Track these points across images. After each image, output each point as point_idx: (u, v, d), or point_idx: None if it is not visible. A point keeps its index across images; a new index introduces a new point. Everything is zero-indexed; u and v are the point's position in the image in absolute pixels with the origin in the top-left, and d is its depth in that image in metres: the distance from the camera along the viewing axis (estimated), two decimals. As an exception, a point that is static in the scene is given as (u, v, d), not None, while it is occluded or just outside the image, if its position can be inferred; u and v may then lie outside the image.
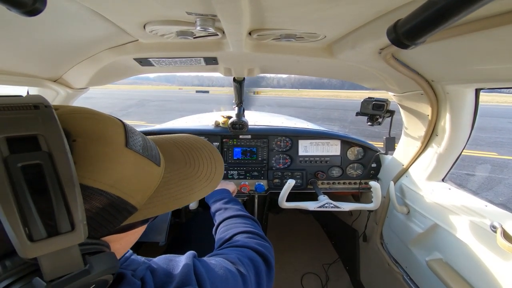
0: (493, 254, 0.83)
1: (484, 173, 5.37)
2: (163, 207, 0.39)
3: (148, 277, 0.42)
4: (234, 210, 0.88)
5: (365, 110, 1.34)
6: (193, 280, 0.46)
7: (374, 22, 0.65)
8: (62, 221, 0.24)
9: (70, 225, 0.24)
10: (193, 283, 0.45)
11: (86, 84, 1.24)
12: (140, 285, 0.39)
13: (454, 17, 0.33)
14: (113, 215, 0.32)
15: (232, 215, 0.85)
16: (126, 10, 0.65)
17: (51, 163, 0.24)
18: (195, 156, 0.48)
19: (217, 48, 0.95)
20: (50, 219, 0.23)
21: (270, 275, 0.64)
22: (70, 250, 0.25)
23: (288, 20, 0.70)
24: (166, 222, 1.11)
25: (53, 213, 0.23)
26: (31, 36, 0.72)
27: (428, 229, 1.11)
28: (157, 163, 0.40)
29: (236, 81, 1.47)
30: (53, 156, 0.24)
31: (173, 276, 0.45)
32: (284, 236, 2.47)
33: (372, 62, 0.93)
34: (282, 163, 1.67)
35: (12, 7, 0.36)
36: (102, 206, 0.30)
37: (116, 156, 0.32)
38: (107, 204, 0.31)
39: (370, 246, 1.69)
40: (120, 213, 0.33)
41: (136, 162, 0.35)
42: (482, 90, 0.95)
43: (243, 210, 0.91)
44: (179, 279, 0.44)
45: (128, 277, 0.38)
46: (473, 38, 0.60)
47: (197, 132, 1.62)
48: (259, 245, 0.68)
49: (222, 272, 0.52)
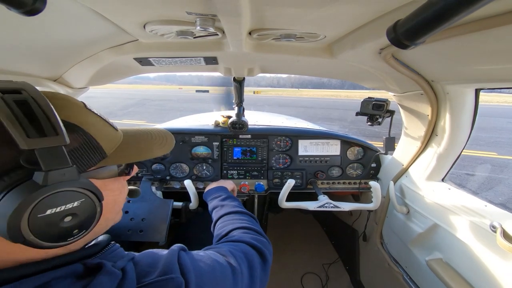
0: (493, 254, 0.83)
1: (484, 173, 5.37)
2: (129, 158, 0.49)
3: (130, 268, 0.43)
4: (231, 207, 0.91)
5: (365, 110, 1.34)
6: (177, 270, 0.47)
7: (374, 22, 0.65)
8: (47, 128, 0.34)
9: (54, 131, 0.34)
10: (176, 272, 0.46)
11: (86, 83, 1.24)
12: (120, 274, 0.40)
13: (454, 17, 0.33)
14: (88, 152, 0.41)
15: (229, 212, 0.88)
16: (126, 9, 0.65)
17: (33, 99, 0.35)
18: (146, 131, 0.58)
19: (217, 48, 0.95)
20: (38, 125, 0.33)
21: (265, 268, 0.66)
22: (57, 149, 0.34)
23: (288, 20, 0.70)
24: (166, 222, 1.11)
25: (40, 122, 0.33)
26: (31, 36, 0.72)
27: (428, 229, 1.11)
28: (115, 128, 0.49)
29: (236, 81, 1.47)
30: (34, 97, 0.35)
31: (156, 266, 0.47)
32: (284, 236, 2.47)
33: (372, 62, 0.93)
34: (282, 163, 1.67)
35: (12, 6, 0.37)
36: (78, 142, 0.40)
37: (79, 110, 0.43)
38: (82, 141, 0.40)
39: (370, 246, 1.70)
40: (94, 152, 0.42)
41: (96, 120, 0.45)
42: (482, 90, 0.95)
43: (240, 206, 0.92)
44: (162, 269, 0.46)
45: (107, 267, 0.40)
46: (473, 38, 0.60)
47: (197, 131, 1.62)
48: (254, 239, 0.70)
49: (210, 263, 0.54)
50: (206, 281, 0.50)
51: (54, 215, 0.34)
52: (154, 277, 0.44)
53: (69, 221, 0.36)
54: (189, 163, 1.63)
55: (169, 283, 0.44)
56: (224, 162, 1.66)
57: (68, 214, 0.36)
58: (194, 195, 1.34)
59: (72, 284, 0.35)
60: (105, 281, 0.38)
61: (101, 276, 0.38)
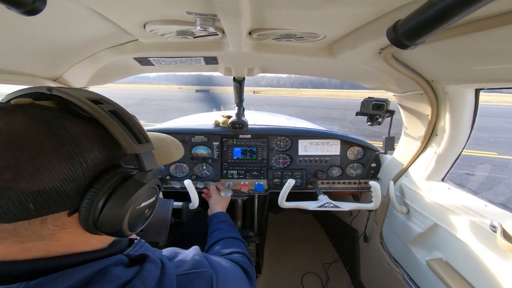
0: (493, 254, 0.83)
1: (484, 173, 5.37)
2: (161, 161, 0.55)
3: (165, 259, 0.48)
4: (232, 233, 1.03)
5: (365, 110, 1.34)
6: (207, 265, 0.54)
7: (374, 22, 0.65)
8: (142, 137, 0.40)
9: (145, 139, 0.41)
10: (207, 266, 0.53)
11: (86, 83, 1.24)
12: (160, 264, 0.45)
13: (454, 17, 0.33)
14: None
15: (230, 236, 0.99)
16: (126, 9, 0.65)
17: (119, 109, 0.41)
18: (164, 138, 0.64)
19: (217, 47, 0.95)
20: (134, 133, 0.39)
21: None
22: (151, 154, 0.41)
23: (288, 20, 0.70)
24: (166, 222, 1.11)
25: (135, 132, 0.39)
26: (31, 36, 0.72)
27: (428, 229, 1.12)
28: None
29: (236, 80, 1.47)
30: (117, 107, 0.41)
31: (185, 261, 0.52)
32: (284, 236, 2.47)
33: (372, 62, 0.93)
34: (282, 163, 1.67)
35: (12, 6, 0.36)
36: None
37: None
38: None
39: (370, 246, 1.70)
40: None
41: None
42: (482, 90, 0.95)
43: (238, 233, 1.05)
44: (192, 263, 0.52)
45: (152, 257, 0.45)
46: (473, 38, 0.60)
47: (197, 131, 1.62)
48: (246, 264, 0.79)
49: (228, 265, 0.63)
50: (229, 278, 0.58)
51: (143, 208, 0.42)
52: (186, 269, 0.50)
53: (147, 213, 0.44)
54: (189, 163, 1.63)
55: (202, 275, 0.50)
56: (224, 162, 1.66)
57: (149, 207, 0.44)
58: (194, 195, 1.34)
59: (123, 271, 0.39)
60: (153, 268, 0.43)
61: (148, 264, 0.43)
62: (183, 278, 0.48)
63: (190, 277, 0.49)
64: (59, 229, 0.36)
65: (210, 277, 0.51)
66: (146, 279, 0.40)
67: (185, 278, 0.48)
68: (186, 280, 0.48)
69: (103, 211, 0.35)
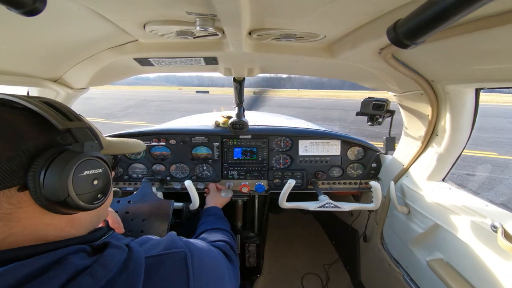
0: (494, 254, 0.83)
1: (485, 173, 5.37)
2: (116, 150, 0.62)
3: (134, 244, 0.48)
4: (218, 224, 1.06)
5: (365, 110, 1.34)
6: (181, 245, 0.53)
7: (374, 22, 0.65)
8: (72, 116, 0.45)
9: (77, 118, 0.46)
10: (180, 247, 0.53)
11: (86, 84, 1.24)
12: (127, 249, 0.45)
13: (454, 17, 0.33)
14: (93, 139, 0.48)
15: (216, 227, 1.01)
16: (126, 10, 0.65)
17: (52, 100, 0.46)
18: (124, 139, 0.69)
19: (217, 48, 0.95)
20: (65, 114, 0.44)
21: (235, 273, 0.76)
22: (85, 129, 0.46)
23: (288, 20, 0.70)
24: (166, 222, 1.11)
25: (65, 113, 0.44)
26: (31, 36, 0.72)
27: (429, 229, 1.11)
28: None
29: (236, 81, 1.47)
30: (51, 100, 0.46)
31: (158, 244, 0.52)
32: (284, 236, 2.47)
33: (372, 62, 0.93)
34: (282, 163, 1.66)
35: (12, 7, 0.37)
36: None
37: None
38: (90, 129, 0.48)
39: (370, 246, 1.69)
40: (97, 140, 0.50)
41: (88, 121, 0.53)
42: (482, 90, 0.95)
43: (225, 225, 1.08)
44: (165, 245, 0.52)
45: (113, 243, 0.45)
46: (473, 38, 0.60)
47: (197, 132, 1.62)
48: (227, 249, 0.81)
49: (205, 245, 0.63)
50: (206, 257, 0.57)
51: (88, 176, 0.44)
52: (159, 250, 0.50)
53: (96, 184, 0.46)
54: (189, 164, 1.63)
55: (174, 255, 0.50)
56: (224, 162, 1.66)
57: (96, 177, 0.46)
58: (195, 196, 1.34)
59: (84, 258, 0.40)
60: (115, 252, 0.43)
61: (110, 249, 0.43)
62: (154, 260, 0.47)
63: (162, 258, 0.48)
64: (16, 208, 0.38)
65: (183, 256, 0.50)
66: (107, 263, 0.40)
67: (156, 259, 0.47)
68: (156, 261, 0.47)
69: (46, 180, 0.38)
